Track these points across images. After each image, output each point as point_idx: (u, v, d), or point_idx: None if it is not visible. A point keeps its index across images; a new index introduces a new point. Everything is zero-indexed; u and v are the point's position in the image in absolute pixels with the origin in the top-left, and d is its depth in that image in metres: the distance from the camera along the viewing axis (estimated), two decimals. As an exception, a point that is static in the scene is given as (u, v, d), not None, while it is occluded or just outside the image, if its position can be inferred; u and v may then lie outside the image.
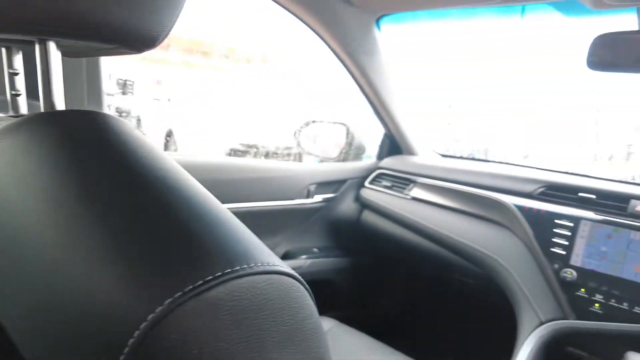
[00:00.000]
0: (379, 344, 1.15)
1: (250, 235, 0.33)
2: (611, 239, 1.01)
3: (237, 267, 0.27)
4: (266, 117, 5.44)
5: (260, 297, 0.27)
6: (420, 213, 1.37)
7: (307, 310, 0.31)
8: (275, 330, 0.27)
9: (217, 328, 0.24)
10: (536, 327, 1.02)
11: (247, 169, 1.36)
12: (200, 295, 0.24)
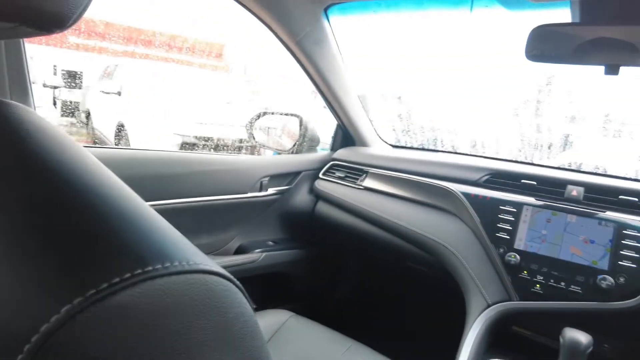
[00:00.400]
0: (336, 334, 1.15)
1: (171, 233, 0.31)
2: (550, 222, 1.07)
3: (150, 267, 0.24)
4: (223, 109, 5.31)
5: (179, 299, 0.24)
6: (372, 203, 1.39)
7: (238, 308, 0.29)
8: (200, 332, 0.25)
9: (125, 336, 0.22)
10: (484, 309, 1.06)
11: (197, 162, 1.31)
12: (105, 300, 0.21)
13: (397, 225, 1.30)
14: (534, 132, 5.28)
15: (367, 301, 1.94)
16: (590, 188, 1.07)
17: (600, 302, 0.96)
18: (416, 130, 2.94)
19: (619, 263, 0.97)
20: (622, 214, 1.01)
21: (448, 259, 1.18)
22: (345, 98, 1.49)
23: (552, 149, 4.58)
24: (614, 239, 0.99)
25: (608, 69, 0.82)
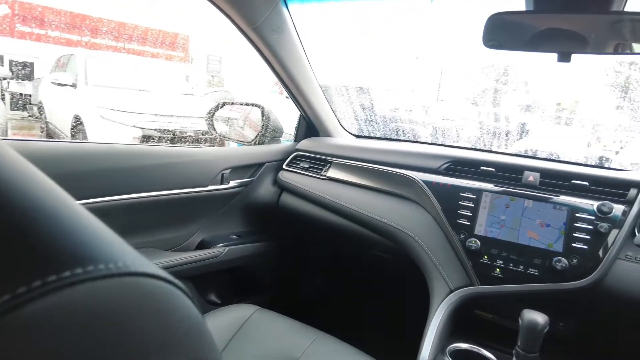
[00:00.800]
0: (302, 326, 1.14)
1: (99, 232, 0.27)
2: (509, 207, 1.10)
3: (67, 272, 0.20)
4: (185, 101, 5.15)
5: (107, 306, 0.21)
6: (337, 193, 1.38)
7: (181, 312, 0.26)
8: (137, 338, 0.22)
9: (36, 354, 0.18)
10: (446, 295, 1.08)
11: (155, 155, 1.26)
12: (8, 314, 0.18)
13: (361, 215, 1.30)
14: (492, 120, 5.46)
15: (334, 291, 1.94)
16: (546, 173, 1.11)
17: (556, 283, 1.00)
18: (378, 120, 2.96)
19: (572, 245, 1.00)
20: (575, 198, 1.05)
21: (411, 247, 1.19)
22: (307, 88, 1.47)
23: (510, 137, 4.76)
24: (568, 222, 1.03)
25: (561, 57, 0.84)
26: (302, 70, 1.41)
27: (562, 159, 1.39)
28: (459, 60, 6.66)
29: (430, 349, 0.98)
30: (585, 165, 1.25)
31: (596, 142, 4.72)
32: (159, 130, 4.37)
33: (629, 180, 1.05)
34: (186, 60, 7.86)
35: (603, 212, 1.00)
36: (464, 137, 4.71)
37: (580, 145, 4.49)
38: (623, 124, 5.12)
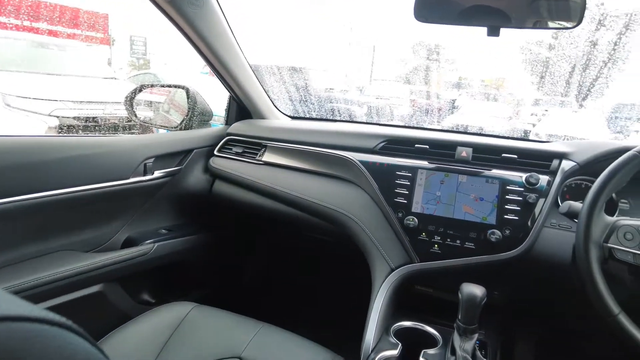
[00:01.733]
0: (245, 319, 1.09)
1: None
2: (444, 183, 1.11)
3: None
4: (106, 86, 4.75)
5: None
6: (273, 177, 1.32)
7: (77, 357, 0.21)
8: None
9: None
10: (388, 274, 1.08)
11: (66, 147, 1.11)
12: None
13: (299, 199, 1.26)
14: (424, 98, 5.63)
15: (277, 279, 1.90)
16: (477, 148, 1.13)
17: (491, 255, 1.03)
18: (314, 100, 2.92)
19: (505, 217, 1.03)
20: (505, 171, 1.08)
21: (351, 228, 1.17)
22: (235, 67, 1.38)
23: (441, 114, 4.94)
24: (500, 195, 1.05)
25: (490, 31, 0.83)
26: (228, 48, 1.31)
27: (491, 133, 1.44)
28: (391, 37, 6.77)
29: (374, 331, 0.98)
30: (513, 139, 1.30)
31: (516, 115, 5.05)
32: (78, 119, 4.00)
33: (551, 152, 1.09)
34: (106, 41, 7.25)
35: (531, 183, 1.04)
36: (398, 115, 4.83)
37: (503, 120, 4.77)
38: (539, 98, 5.52)
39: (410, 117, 4.94)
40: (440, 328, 1.02)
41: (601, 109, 4.87)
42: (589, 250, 0.77)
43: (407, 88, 6.24)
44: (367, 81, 6.88)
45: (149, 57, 8.50)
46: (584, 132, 4.17)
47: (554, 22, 0.81)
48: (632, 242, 0.76)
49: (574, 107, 5.09)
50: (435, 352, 0.94)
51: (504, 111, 5.27)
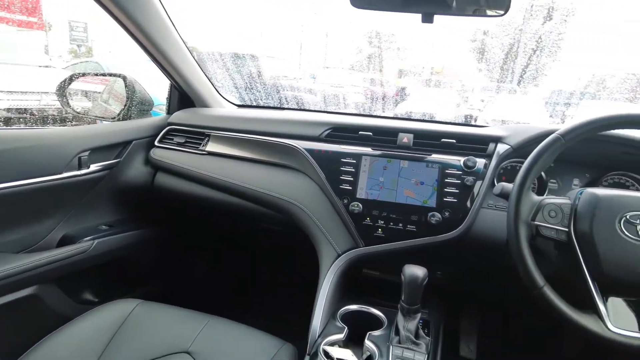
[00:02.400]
0: (192, 313, 1.06)
1: None
2: (386, 169, 1.13)
3: None
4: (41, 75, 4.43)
5: None
6: (217, 168, 1.29)
7: None
8: None
9: None
10: (334, 259, 1.09)
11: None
12: None
13: (245, 189, 1.24)
14: (375, 86, 5.71)
15: (226, 272, 1.88)
16: (418, 134, 1.15)
17: (432, 237, 1.07)
18: (263, 88, 2.87)
19: (444, 200, 1.07)
20: (444, 155, 1.11)
21: (298, 216, 1.17)
22: (175, 55, 1.32)
23: (391, 101, 5.03)
24: (439, 179, 1.09)
25: (424, 17, 0.85)
26: (165, 34, 1.25)
27: (434, 119, 1.48)
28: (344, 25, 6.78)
29: (321, 317, 0.99)
30: (454, 124, 1.34)
31: (463, 102, 5.24)
32: (9, 110, 3.71)
33: (487, 136, 1.14)
34: (41, 26, 6.74)
35: (468, 167, 1.08)
36: (351, 103, 4.87)
37: (451, 106, 4.93)
38: (485, 85, 5.76)
39: (363, 105, 5.00)
40: (386, 309, 1.05)
41: (541, 95, 5.15)
42: (518, 228, 0.81)
43: (360, 76, 6.29)
44: (320, 69, 6.87)
45: (91, 44, 8.00)
46: (526, 116, 4.39)
47: (483, 10, 0.84)
48: (555, 219, 0.81)
49: (518, 93, 5.36)
50: (380, 334, 0.96)
51: (453, 98, 5.45)
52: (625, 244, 0.74)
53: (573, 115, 4.49)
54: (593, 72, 4.96)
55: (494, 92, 5.44)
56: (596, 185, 1.10)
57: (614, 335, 0.73)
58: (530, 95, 5.34)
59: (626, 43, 4.38)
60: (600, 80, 4.80)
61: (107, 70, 4.75)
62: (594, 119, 0.82)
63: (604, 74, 4.85)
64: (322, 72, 6.61)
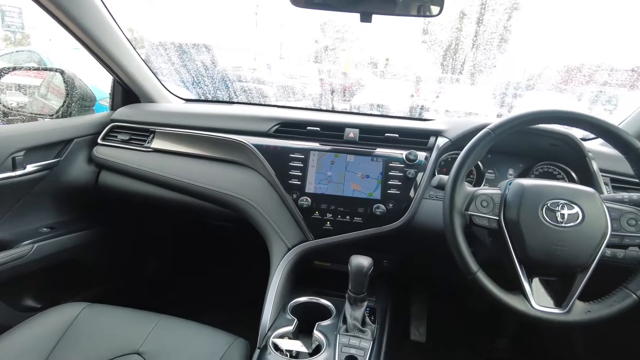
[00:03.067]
0: (142, 313, 1.05)
1: None
2: (334, 164, 1.15)
3: None
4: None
5: None
6: (164, 165, 1.27)
7: None
8: None
9: None
10: (285, 253, 1.12)
11: None
12: None
13: (194, 186, 1.23)
14: (331, 77, 5.73)
15: (177, 270, 1.85)
16: (363, 129, 1.19)
17: (378, 227, 1.11)
18: (214, 81, 2.81)
19: (388, 192, 1.11)
20: (388, 149, 1.16)
21: (248, 212, 1.18)
22: (116, 49, 1.27)
23: (347, 93, 5.08)
24: (383, 172, 1.13)
25: (362, 17, 0.87)
26: (104, 26, 1.20)
27: (381, 113, 1.52)
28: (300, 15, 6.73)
29: (271, 310, 1.01)
30: (399, 118, 1.39)
31: (417, 93, 5.38)
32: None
33: (428, 130, 1.19)
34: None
35: (410, 160, 1.13)
36: (308, 94, 4.86)
37: (404, 97, 5.04)
38: (437, 76, 5.93)
39: (319, 97, 5.01)
40: (335, 299, 1.08)
41: (490, 86, 5.37)
42: (453, 218, 0.86)
43: (317, 67, 6.28)
44: (276, 60, 6.79)
45: (28, 31, 7.47)
46: (475, 107, 4.57)
47: (419, 11, 0.87)
48: (487, 208, 0.86)
49: (467, 84, 5.55)
50: (329, 323, 0.99)
51: (407, 89, 5.56)
52: (546, 229, 0.81)
53: (519, 105, 4.73)
54: (536, 65, 5.24)
55: (446, 84, 5.61)
56: (528, 175, 1.18)
57: (537, 312, 0.80)
58: (480, 87, 5.54)
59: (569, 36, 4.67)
60: (541, 72, 5.08)
61: (47, 60, 4.47)
62: (520, 115, 0.88)
63: (545, 66, 5.12)
64: (278, 63, 6.54)
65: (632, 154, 0.84)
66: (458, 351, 1.63)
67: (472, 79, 5.49)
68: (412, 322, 1.64)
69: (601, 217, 0.81)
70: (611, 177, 1.10)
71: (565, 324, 0.80)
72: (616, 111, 4.18)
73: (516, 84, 4.93)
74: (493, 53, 5.32)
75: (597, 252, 0.79)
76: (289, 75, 5.68)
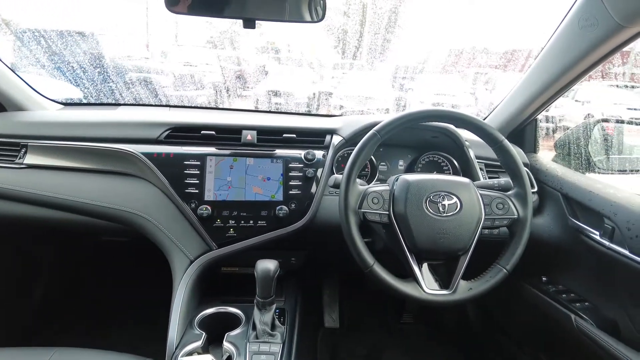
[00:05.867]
0: (32, 350, 0.94)
1: None
2: (233, 168, 1.13)
3: None
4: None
5: None
6: (40, 182, 1.13)
7: None
8: None
9: None
10: (187, 266, 1.08)
11: None
12: None
13: (78, 204, 1.12)
14: (234, 64, 5.57)
15: (69, 294, 1.70)
16: (261, 131, 1.18)
17: (282, 229, 1.12)
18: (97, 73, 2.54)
19: (290, 192, 1.13)
20: (287, 150, 1.17)
21: (142, 226, 1.11)
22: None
23: (250, 79, 4.99)
24: (284, 173, 1.14)
25: (245, 23, 0.85)
26: None
27: (280, 110, 1.52)
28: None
29: (177, 326, 0.97)
30: (298, 114, 1.40)
31: (319, 79, 5.47)
32: None
33: (324, 129, 1.22)
34: None
35: (308, 159, 1.15)
36: (208, 82, 4.68)
37: (307, 83, 5.10)
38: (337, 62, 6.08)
39: (221, 85, 4.85)
40: (244, 306, 1.08)
41: (387, 70, 5.65)
42: (348, 216, 0.90)
43: (215, 53, 6.04)
44: (172, 47, 6.39)
45: None
46: (374, 91, 4.79)
47: (299, 17, 0.88)
48: (378, 204, 0.92)
49: (366, 69, 5.78)
50: (239, 332, 0.99)
51: (309, 76, 5.63)
52: (430, 220, 0.89)
53: (413, 88, 5.05)
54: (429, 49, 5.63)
55: (347, 69, 5.78)
56: (417, 164, 1.28)
57: (429, 296, 0.88)
58: (378, 71, 5.80)
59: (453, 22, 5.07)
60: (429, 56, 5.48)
61: None
62: (402, 116, 0.95)
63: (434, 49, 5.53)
64: (174, 51, 6.17)
65: (497, 145, 0.95)
66: (370, 332, 1.73)
67: (371, 65, 5.73)
68: (325, 310, 1.71)
69: (475, 204, 0.91)
70: (485, 163, 1.24)
71: (454, 302, 0.89)
72: (495, 91, 4.69)
73: (407, 68, 5.26)
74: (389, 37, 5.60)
75: (474, 235, 0.90)
76: (185, 62, 5.39)
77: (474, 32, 4.96)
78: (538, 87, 1.14)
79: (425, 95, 4.65)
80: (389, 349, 1.66)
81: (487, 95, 4.77)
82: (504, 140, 0.95)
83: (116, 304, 1.68)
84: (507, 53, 4.52)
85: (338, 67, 6.02)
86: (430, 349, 1.68)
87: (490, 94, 4.69)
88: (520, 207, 0.93)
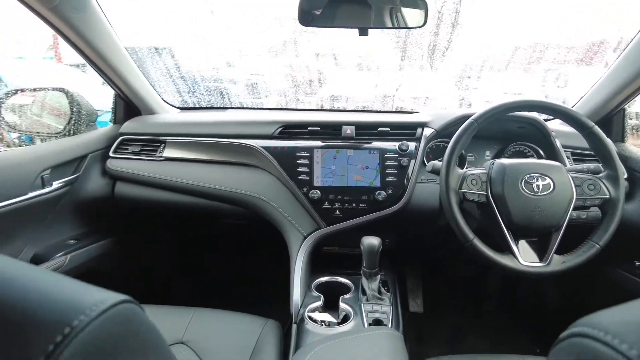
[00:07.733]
0: (177, 309, 1.15)
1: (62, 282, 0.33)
2: (336, 159, 1.30)
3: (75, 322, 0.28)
4: None
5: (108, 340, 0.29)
6: (178, 172, 1.36)
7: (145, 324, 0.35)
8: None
9: None
10: (302, 241, 1.26)
11: None
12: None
13: (207, 189, 1.34)
14: (298, 72, 5.80)
15: (201, 269, 1.95)
16: (359, 125, 1.34)
17: (380, 211, 1.26)
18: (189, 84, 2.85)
19: (386, 179, 1.27)
20: (382, 142, 1.31)
21: (262, 208, 1.31)
22: (121, 65, 1.34)
23: (312, 85, 5.18)
24: (380, 162, 1.28)
25: (361, 31, 1.01)
26: (112, 47, 1.27)
27: (368, 109, 1.67)
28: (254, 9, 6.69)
29: (299, 290, 1.14)
30: (388, 112, 1.54)
31: (381, 82, 5.55)
32: None
33: (416, 122, 1.35)
34: None
35: (402, 150, 1.29)
36: (274, 90, 4.93)
37: (371, 87, 5.20)
38: (398, 63, 6.13)
39: (287, 91, 5.08)
40: (350, 277, 1.23)
41: (449, 70, 5.62)
42: (449, 196, 1.02)
43: (279, 61, 6.30)
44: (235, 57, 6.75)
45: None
46: (435, 91, 4.79)
47: (407, 23, 1.02)
48: (476, 186, 1.03)
49: (429, 71, 5.77)
50: (351, 296, 1.15)
51: (371, 79, 5.72)
52: (526, 199, 0.98)
53: (477, 87, 5.00)
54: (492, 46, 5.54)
55: (407, 70, 5.81)
56: (503, 155, 1.37)
57: (525, 267, 0.97)
58: (440, 72, 5.77)
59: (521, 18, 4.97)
60: (496, 53, 5.38)
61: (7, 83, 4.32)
62: (497, 105, 1.05)
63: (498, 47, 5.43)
64: (238, 61, 6.52)
65: (587, 131, 1.03)
66: (452, 317, 1.83)
67: (432, 65, 5.73)
68: (410, 295, 1.83)
69: (567, 185, 1.00)
70: (572, 152, 1.30)
71: (548, 274, 0.98)
72: (566, 87, 4.53)
73: (471, 67, 5.20)
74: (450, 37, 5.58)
75: (567, 213, 0.98)
76: (252, 72, 5.70)
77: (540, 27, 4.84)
78: (627, 76, 1.19)
79: (491, 93, 4.60)
80: (471, 333, 1.74)
81: (558, 91, 4.61)
82: (594, 127, 1.01)
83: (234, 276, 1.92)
84: (579, 48, 4.37)
85: (399, 68, 6.07)
86: (510, 335, 1.74)
87: (562, 91, 4.53)
88: (612, 188, 1.00)
